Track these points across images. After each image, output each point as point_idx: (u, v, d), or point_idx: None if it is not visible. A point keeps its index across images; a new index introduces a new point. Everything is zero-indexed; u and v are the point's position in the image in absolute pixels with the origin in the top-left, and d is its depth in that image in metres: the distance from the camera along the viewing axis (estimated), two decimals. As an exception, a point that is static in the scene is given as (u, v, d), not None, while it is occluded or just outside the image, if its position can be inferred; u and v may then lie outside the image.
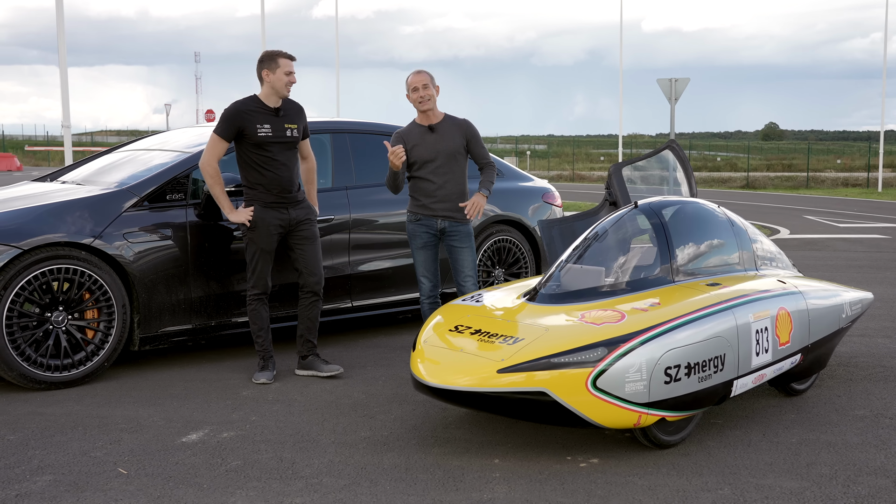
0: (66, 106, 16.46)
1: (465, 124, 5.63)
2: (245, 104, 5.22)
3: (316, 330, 5.53)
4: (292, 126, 5.31)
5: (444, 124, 5.59)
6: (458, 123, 5.62)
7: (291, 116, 5.33)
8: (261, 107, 5.24)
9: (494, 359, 4.00)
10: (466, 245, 5.64)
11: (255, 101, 5.26)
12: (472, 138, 5.61)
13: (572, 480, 3.86)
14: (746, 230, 5.27)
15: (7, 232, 5.08)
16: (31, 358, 5.08)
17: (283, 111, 5.29)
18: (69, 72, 13.58)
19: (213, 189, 5.22)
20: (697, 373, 4.16)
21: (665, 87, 16.12)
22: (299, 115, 5.41)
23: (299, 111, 5.43)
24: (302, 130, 5.41)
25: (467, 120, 5.67)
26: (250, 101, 5.25)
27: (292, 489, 3.73)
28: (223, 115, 5.19)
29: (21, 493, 3.65)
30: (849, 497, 3.72)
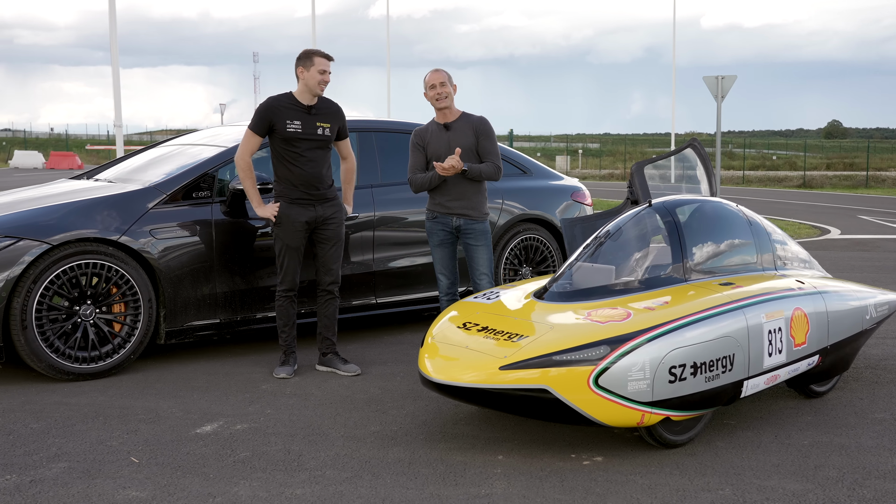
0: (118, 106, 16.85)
1: (479, 122, 5.66)
2: (278, 100, 5.33)
3: (334, 327, 5.61)
4: (325, 125, 5.39)
5: (459, 122, 5.64)
6: (471, 121, 5.65)
7: (325, 116, 5.41)
8: (294, 103, 5.33)
9: (498, 356, 4.04)
10: (482, 243, 5.66)
11: (290, 97, 5.36)
12: (482, 135, 5.63)
13: (572, 478, 3.88)
14: (766, 230, 5.22)
15: (37, 228, 5.26)
16: (59, 349, 5.25)
17: (316, 109, 5.38)
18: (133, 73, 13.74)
19: (245, 183, 5.34)
20: (704, 372, 4.14)
21: (711, 84, 15.93)
22: (335, 115, 5.48)
23: (336, 112, 5.50)
24: (337, 130, 5.49)
25: (483, 118, 5.70)
26: (284, 98, 5.35)
27: (295, 480, 3.81)
28: (257, 111, 5.31)
29: (35, 478, 3.79)
30: (852, 500, 3.68)
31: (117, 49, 16.67)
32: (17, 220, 5.32)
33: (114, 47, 16.57)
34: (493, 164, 5.65)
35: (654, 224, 4.79)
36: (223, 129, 6.78)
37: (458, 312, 4.67)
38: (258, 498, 3.62)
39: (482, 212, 5.70)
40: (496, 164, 5.66)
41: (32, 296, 5.15)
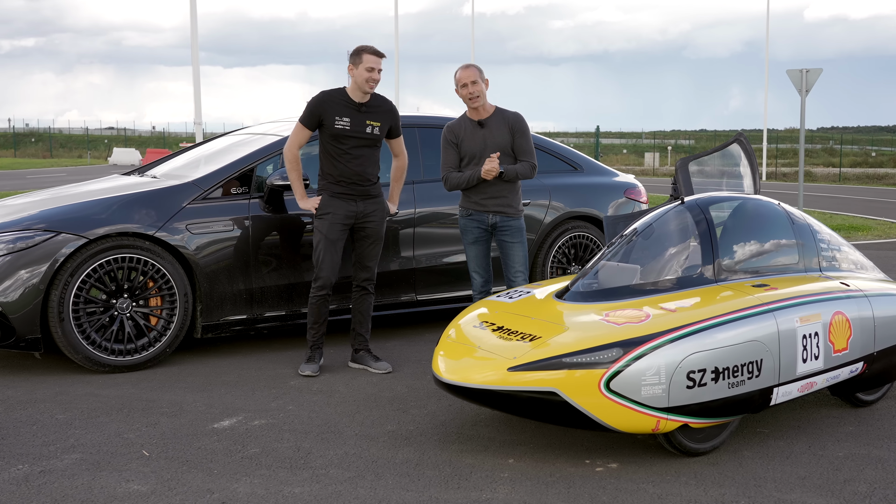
0: (198, 104, 17.25)
1: (514, 118, 5.53)
2: (330, 95, 5.31)
3: (368, 324, 5.57)
4: (375, 124, 5.34)
5: (493, 119, 5.51)
6: (506, 118, 5.52)
7: (377, 114, 5.37)
8: (345, 100, 5.30)
9: (508, 356, 3.93)
10: (517, 240, 5.54)
11: (342, 93, 5.33)
12: (518, 132, 5.50)
13: (581, 484, 3.74)
14: (812, 229, 4.96)
15: (75, 222, 5.37)
16: (96, 342, 5.35)
17: (367, 107, 5.34)
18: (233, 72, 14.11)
19: (290, 175, 5.35)
20: (727, 378, 3.94)
21: (795, 78, 15.35)
22: (387, 114, 5.44)
23: (388, 110, 5.45)
24: (388, 129, 5.44)
25: (518, 114, 5.57)
26: (336, 93, 5.33)
27: (296, 479, 3.77)
28: (308, 104, 5.30)
29: (45, 469, 3.85)
30: (877, 518, 3.45)
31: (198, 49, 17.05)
32: (56, 214, 5.45)
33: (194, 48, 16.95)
34: (528, 162, 5.53)
35: (685, 222, 4.59)
36: (270, 125, 6.82)
37: (477, 311, 4.57)
38: (255, 495, 3.60)
39: (518, 208, 5.58)
40: (531, 163, 5.54)
41: (70, 288, 5.26)
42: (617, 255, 4.55)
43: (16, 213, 5.66)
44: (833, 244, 5.09)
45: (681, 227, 4.59)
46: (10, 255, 5.26)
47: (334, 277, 5.40)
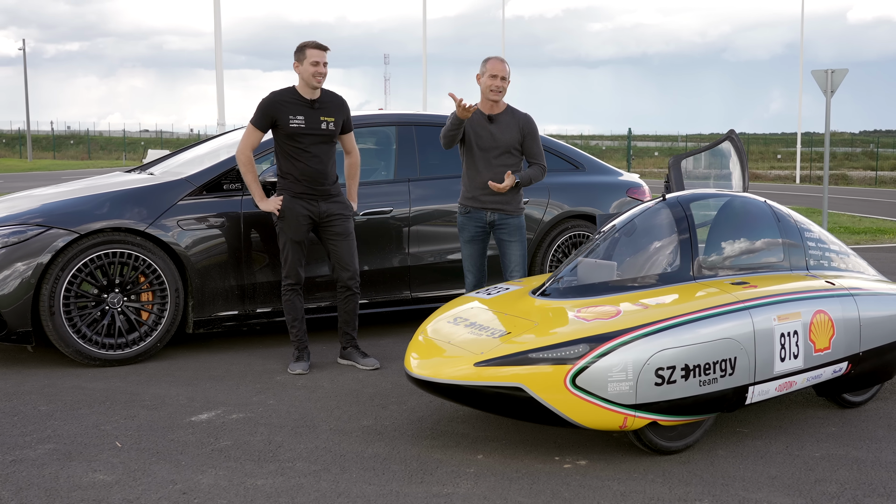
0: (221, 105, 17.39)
1: (525, 120, 5.45)
2: (281, 95, 5.31)
3: (355, 322, 5.58)
4: (328, 119, 5.35)
5: (504, 116, 5.44)
6: (518, 118, 5.44)
7: (329, 109, 5.37)
8: (296, 98, 5.30)
9: (475, 352, 3.91)
10: (515, 239, 5.48)
11: (292, 92, 5.34)
12: (529, 135, 5.42)
13: (544, 480, 3.72)
14: (799, 228, 4.88)
15: (67, 217, 5.44)
16: (86, 335, 5.42)
17: (319, 104, 5.34)
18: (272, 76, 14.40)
19: (246, 177, 5.34)
20: (698, 376, 3.90)
21: (820, 79, 15.11)
22: (339, 108, 5.44)
23: (340, 105, 5.45)
24: (341, 124, 5.44)
25: (529, 116, 5.49)
26: (287, 93, 5.33)
27: (261, 471, 3.79)
28: (259, 105, 5.31)
29: (17, 458, 3.90)
30: (841, 518, 3.39)
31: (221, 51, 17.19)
32: (49, 209, 5.53)
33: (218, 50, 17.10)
34: (539, 165, 5.48)
35: (665, 219, 4.54)
36: None
37: (453, 308, 4.56)
38: (218, 487, 3.62)
39: (517, 206, 5.49)
40: (542, 165, 5.49)
41: (60, 283, 5.33)
42: (595, 251, 4.52)
43: (13, 208, 5.75)
44: (823, 244, 5.01)
45: (661, 223, 4.54)
46: (4, 249, 5.35)
47: (303, 273, 5.45)
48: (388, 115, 6.78)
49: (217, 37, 16.92)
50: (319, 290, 6.04)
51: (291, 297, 5.42)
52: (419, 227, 6.44)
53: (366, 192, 6.23)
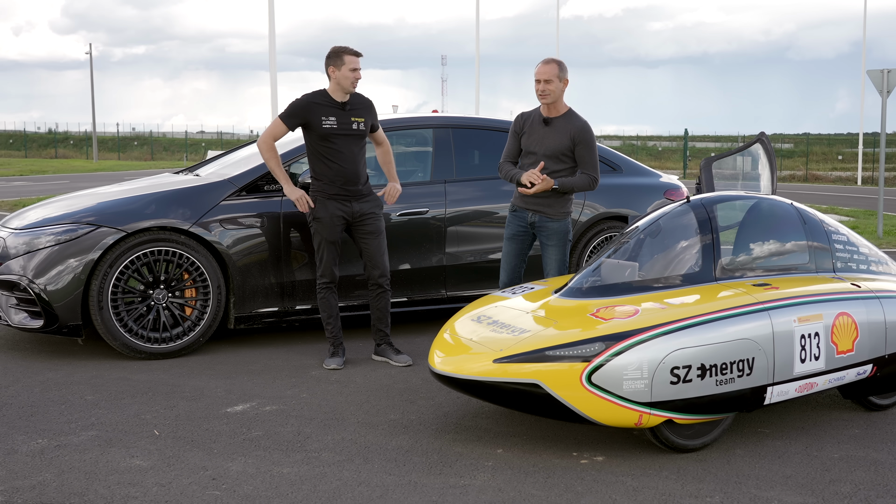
0: (275, 108, 17.75)
1: (579, 128, 5.40)
2: (313, 97, 5.49)
3: (387, 319, 5.73)
4: (359, 119, 5.53)
5: (560, 120, 5.43)
6: (572, 124, 5.41)
7: (359, 111, 5.55)
8: (328, 100, 5.48)
9: (495, 349, 4.03)
10: (553, 243, 5.51)
11: (323, 95, 5.52)
12: (581, 143, 5.39)
13: (559, 475, 3.82)
14: (827, 230, 4.90)
15: (115, 216, 5.70)
16: (133, 330, 5.66)
17: (349, 105, 5.52)
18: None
19: (269, 164, 5.51)
20: (715, 375, 3.96)
21: (876, 79, 14.88)
22: (367, 109, 5.62)
23: (368, 106, 5.64)
24: (370, 124, 5.62)
25: (585, 124, 5.44)
26: (318, 95, 5.51)
27: (288, 460, 3.96)
28: (291, 104, 5.48)
29: (61, 443, 4.13)
30: (850, 517, 3.43)
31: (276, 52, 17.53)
32: (98, 209, 5.79)
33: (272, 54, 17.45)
34: (589, 175, 5.41)
35: (688, 221, 4.60)
36: None
37: (478, 306, 4.69)
38: (245, 473, 3.80)
39: (559, 210, 5.48)
40: (592, 176, 5.42)
41: (108, 279, 5.59)
42: (619, 252, 4.60)
43: (69, 207, 6.02)
44: (852, 247, 5.01)
45: (684, 225, 4.60)
46: (57, 246, 5.62)
47: (337, 272, 5.62)
48: (424, 118, 6.92)
49: (271, 41, 17.26)
50: (357, 289, 6.20)
51: (326, 294, 5.60)
52: (455, 227, 6.57)
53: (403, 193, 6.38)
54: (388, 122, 6.67)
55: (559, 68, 5.38)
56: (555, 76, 5.33)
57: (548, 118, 5.43)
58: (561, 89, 5.38)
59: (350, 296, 6.20)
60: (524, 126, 5.53)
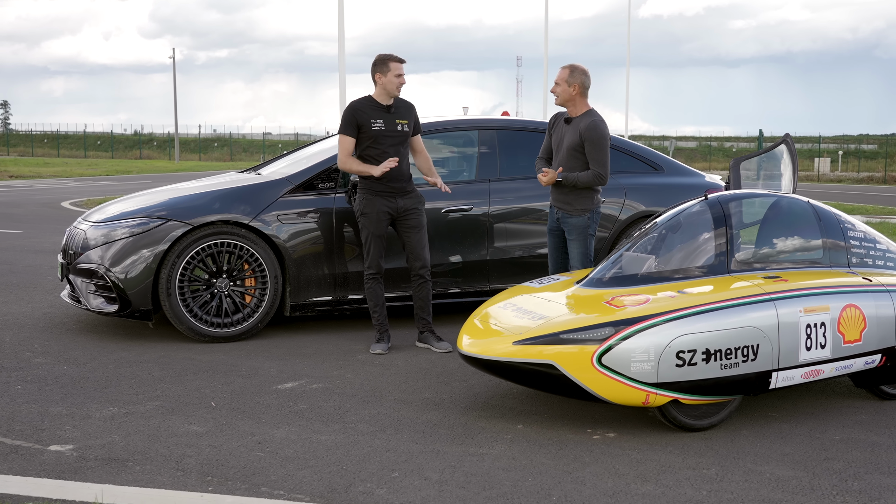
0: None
1: (587, 124, 5.77)
2: (361, 103, 5.94)
3: (429, 307, 6.14)
4: (403, 122, 5.96)
5: (578, 119, 5.84)
6: (584, 122, 5.80)
7: (402, 113, 5.99)
8: (374, 105, 5.93)
9: (515, 332, 4.41)
10: (574, 237, 5.90)
11: (370, 100, 5.97)
12: (588, 140, 5.76)
13: (571, 448, 4.18)
14: (843, 227, 5.13)
15: (182, 211, 6.24)
16: (198, 315, 6.19)
17: (394, 108, 5.96)
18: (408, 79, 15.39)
19: (353, 168, 5.90)
20: (720, 360, 4.27)
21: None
22: (409, 112, 6.06)
23: (409, 108, 6.08)
24: (412, 126, 6.05)
25: (593, 122, 5.79)
26: (365, 100, 5.96)
27: (327, 429, 4.40)
28: (343, 115, 5.95)
29: (129, 412, 4.65)
30: (834, 490, 3.71)
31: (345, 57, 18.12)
32: (168, 204, 6.34)
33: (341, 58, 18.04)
34: (594, 171, 5.78)
35: (705, 217, 4.90)
36: None
37: (508, 294, 5.06)
38: (288, 439, 4.25)
39: (578, 207, 5.87)
40: (597, 172, 5.77)
41: (176, 268, 6.12)
42: (638, 245, 4.93)
43: (144, 202, 6.59)
44: (869, 243, 5.23)
45: (700, 221, 4.90)
46: (131, 238, 6.18)
47: (383, 264, 6.05)
48: (471, 120, 7.32)
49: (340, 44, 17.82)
50: (406, 280, 6.63)
51: (373, 285, 6.04)
52: (498, 224, 6.95)
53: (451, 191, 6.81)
54: (437, 125, 7.10)
55: (569, 73, 5.83)
56: (563, 80, 5.81)
57: (569, 117, 5.87)
58: (569, 92, 5.81)
59: (400, 287, 6.62)
60: (553, 125, 6.00)
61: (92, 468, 3.84)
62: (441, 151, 7.39)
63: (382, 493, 3.63)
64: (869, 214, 19.21)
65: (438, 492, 3.65)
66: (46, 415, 4.56)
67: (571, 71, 5.87)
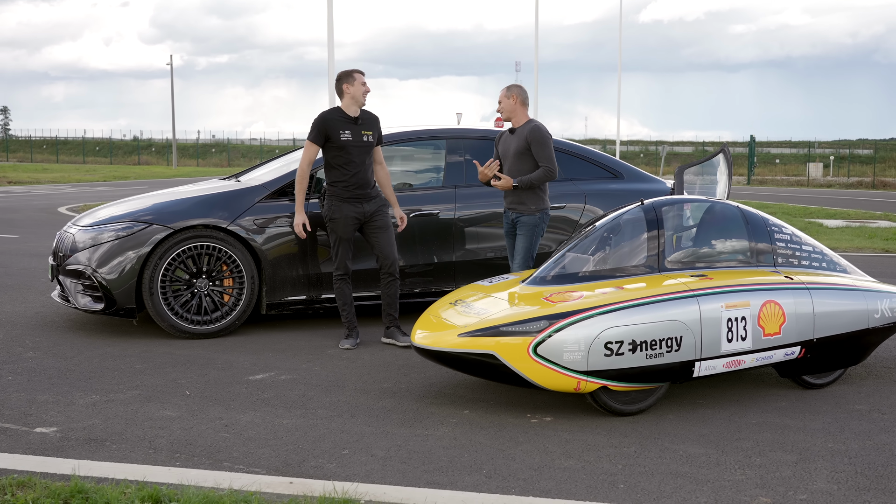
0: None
1: (530, 129, 6.33)
2: (330, 114, 6.38)
3: (396, 304, 6.57)
4: (368, 133, 6.40)
5: (521, 128, 6.40)
6: (527, 128, 6.36)
7: (367, 125, 6.43)
8: (343, 116, 6.37)
9: (461, 325, 4.84)
10: (523, 233, 6.38)
11: (339, 111, 6.41)
12: (533, 142, 6.30)
13: (509, 430, 4.61)
14: (769, 230, 5.56)
15: (165, 215, 6.68)
16: (179, 313, 6.62)
17: (360, 120, 6.40)
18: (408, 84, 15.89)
19: (297, 186, 6.39)
20: (645, 350, 4.70)
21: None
22: (374, 123, 6.50)
23: (375, 120, 6.52)
24: (377, 137, 6.49)
25: (535, 126, 6.35)
26: (334, 112, 6.40)
27: (290, 414, 4.83)
28: (313, 125, 6.38)
29: (110, 399, 5.08)
30: (736, 465, 4.14)
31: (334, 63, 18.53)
32: (151, 209, 6.78)
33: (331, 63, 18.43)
34: (544, 167, 6.31)
35: (638, 220, 5.33)
36: None
37: (458, 293, 5.49)
38: (253, 423, 4.68)
39: (530, 207, 6.37)
40: (546, 167, 6.31)
41: (158, 269, 6.56)
42: (578, 246, 5.36)
43: (131, 207, 7.03)
44: (795, 245, 5.65)
45: (635, 224, 5.34)
46: (117, 241, 6.62)
47: (350, 265, 6.49)
48: (439, 129, 7.76)
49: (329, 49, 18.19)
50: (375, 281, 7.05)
51: (341, 285, 6.47)
52: (463, 227, 7.38)
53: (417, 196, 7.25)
54: (408, 134, 7.55)
55: (507, 90, 6.49)
56: (504, 97, 6.48)
57: (513, 128, 6.44)
58: (511, 104, 6.43)
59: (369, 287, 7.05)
60: (500, 140, 6.58)
61: (73, 447, 4.27)
62: (411, 159, 7.84)
63: (332, 468, 4.06)
64: (850, 219, 19.65)
65: (382, 466, 4.08)
66: (34, 402, 5.00)
67: (508, 88, 6.50)
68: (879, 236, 15.32)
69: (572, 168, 7.90)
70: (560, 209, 7.63)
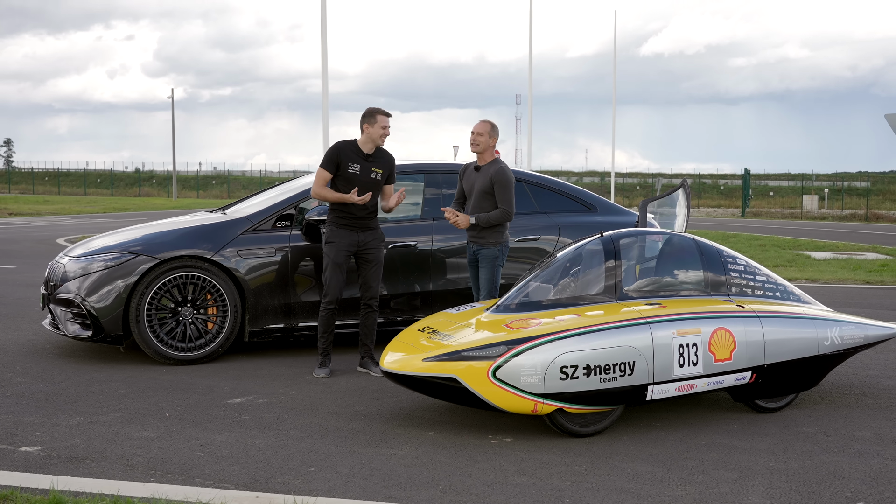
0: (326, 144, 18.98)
1: (495, 170, 6.61)
2: (346, 145, 6.64)
3: (372, 336, 6.83)
4: (378, 171, 6.66)
5: (487, 167, 6.69)
6: (493, 168, 6.64)
7: (380, 163, 6.68)
8: (356, 150, 6.63)
9: (425, 351, 5.11)
10: (484, 265, 6.67)
11: (353, 144, 6.67)
12: (496, 183, 6.58)
13: (469, 450, 4.86)
14: (723, 262, 5.84)
15: (151, 246, 6.97)
16: (164, 340, 6.90)
17: (373, 157, 6.66)
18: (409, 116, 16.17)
19: (327, 197, 6.56)
20: (599, 374, 4.97)
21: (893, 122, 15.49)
22: (388, 163, 6.74)
23: (389, 161, 6.76)
24: (387, 176, 6.74)
25: (501, 168, 6.63)
26: (350, 144, 6.66)
27: (263, 435, 5.08)
28: (327, 153, 6.60)
29: (93, 421, 5.34)
30: (681, 481, 4.39)
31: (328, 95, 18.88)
32: (138, 240, 7.08)
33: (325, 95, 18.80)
34: (502, 209, 6.60)
35: (598, 251, 5.62)
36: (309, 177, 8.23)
37: (427, 320, 5.77)
38: (227, 443, 4.94)
39: (489, 240, 6.66)
40: (504, 210, 6.60)
41: (145, 298, 6.84)
42: (540, 276, 5.64)
43: (121, 238, 7.33)
44: (749, 275, 5.94)
45: (594, 255, 5.63)
46: (106, 271, 6.91)
47: (340, 295, 6.72)
48: (417, 164, 8.07)
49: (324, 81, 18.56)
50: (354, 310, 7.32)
51: (327, 314, 6.69)
52: (441, 257, 7.68)
53: (397, 229, 7.55)
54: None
55: (491, 127, 6.67)
56: (486, 131, 6.64)
57: (478, 166, 6.70)
58: (488, 143, 6.64)
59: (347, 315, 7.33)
60: (464, 173, 6.82)
61: (54, 464, 4.53)
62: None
63: (297, 483, 4.31)
64: (838, 251, 19.91)
65: (344, 482, 4.34)
66: (20, 423, 5.26)
67: (493, 126, 6.74)
68: (864, 268, 15.58)
69: (547, 201, 8.20)
70: (534, 241, 7.92)
